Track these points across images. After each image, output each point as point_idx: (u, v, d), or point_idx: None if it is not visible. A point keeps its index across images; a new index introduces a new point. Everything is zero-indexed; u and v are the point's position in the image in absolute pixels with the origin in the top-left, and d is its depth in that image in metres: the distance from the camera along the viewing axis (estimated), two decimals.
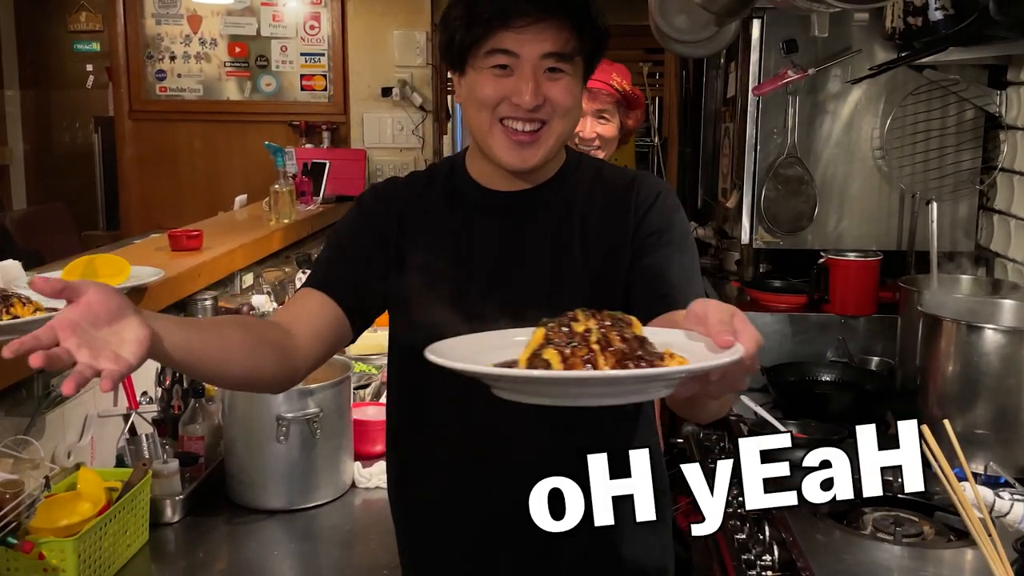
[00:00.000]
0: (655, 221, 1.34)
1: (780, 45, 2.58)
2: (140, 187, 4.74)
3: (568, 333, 0.93)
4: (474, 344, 1.03)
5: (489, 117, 1.28)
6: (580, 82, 1.31)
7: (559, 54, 1.26)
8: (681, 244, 1.35)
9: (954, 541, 1.69)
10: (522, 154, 1.29)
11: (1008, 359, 1.88)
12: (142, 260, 2.17)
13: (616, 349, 0.91)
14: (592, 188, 1.38)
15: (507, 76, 1.26)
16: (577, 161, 1.42)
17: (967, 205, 2.63)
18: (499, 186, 1.36)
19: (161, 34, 4.65)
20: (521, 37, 1.24)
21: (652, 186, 1.39)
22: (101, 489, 1.61)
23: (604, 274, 1.33)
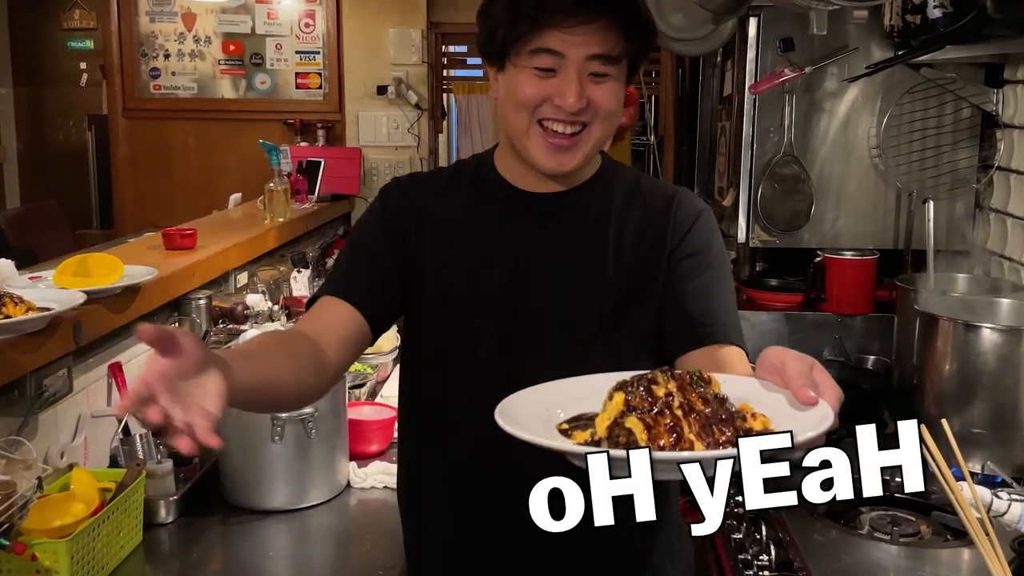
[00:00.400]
0: (695, 242, 1.31)
1: (777, 43, 2.57)
2: (134, 185, 4.72)
3: (649, 398, 0.89)
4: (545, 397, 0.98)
5: (528, 117, 1.24)
6: (623, 85, 1.27)
7: (606, 56, 1.22)
8: (721, 270, 1.32)
9: (951, 541, 1.68)
10: (560, 158, 1.25)
11: (1005, 358, 1.87)
12: (135, 259, 2.16)
13: (700, 413, 0.88)
14: (628, 198, 1.34)
15: (550, 77, 1.22)
16: (614, 168, 1.38)
17: (963, 204, 2.63)
18: (530, 186, 1.33)
19: (155, 32, 4.63)
20: (568, 38, 1.20)
21: (692, 204, 1.35)
22: (94, 490, 1.60)
23: (633, 287, 1.30)
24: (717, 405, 0.90)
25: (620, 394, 0.90)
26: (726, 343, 1.25)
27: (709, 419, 0.87)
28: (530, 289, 1.29)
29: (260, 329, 2.38)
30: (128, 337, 2.08)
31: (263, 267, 3.00)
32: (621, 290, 1.30)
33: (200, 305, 2.30)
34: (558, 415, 0.95)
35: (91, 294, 1.77)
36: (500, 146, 1.37)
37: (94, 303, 1.79)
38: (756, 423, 0.89)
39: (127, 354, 2.07)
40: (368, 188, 4.50)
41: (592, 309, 1.29)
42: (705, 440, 0.86)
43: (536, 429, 0.90)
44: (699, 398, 0.89)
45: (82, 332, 1.73)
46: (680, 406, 0.88)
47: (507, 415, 0.90)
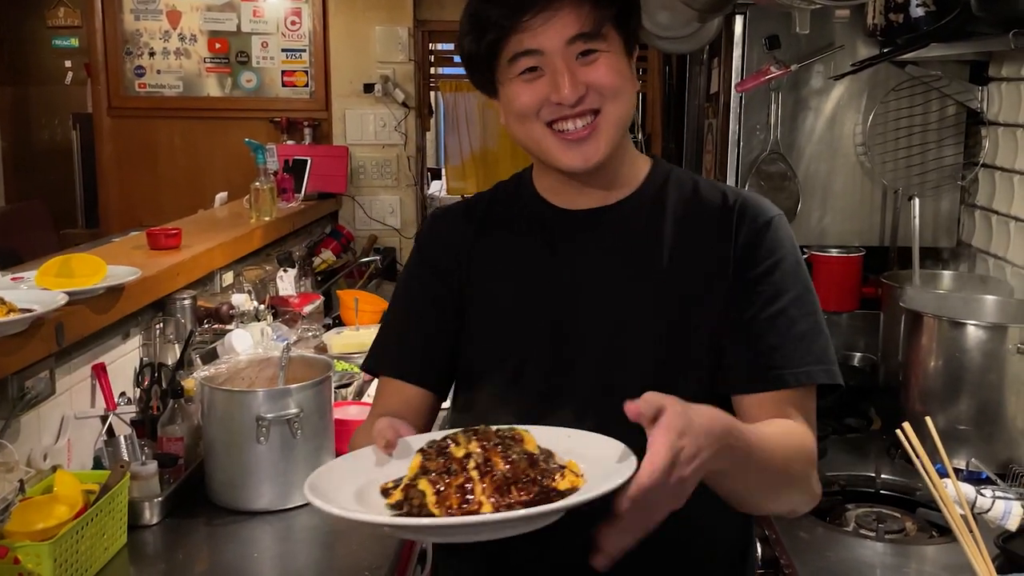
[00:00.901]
0: (761, 260, 1.16)
1: (763, 41, 2.57)
2: (119, 185, 4.69)
3: (443, 460, 0.91)
4: (362, 463, 1.01)
5: (536, 126, 1.16)
6: (623, 56, 1.17)
7: (585, 34, 1.13)
8: (796, 290, 1.16)
9: (936, 537, 1.69)
10: (583, 152, 1.15)
11: (990, 355, 1.88)
12: (119, 259, 2.15)
13: (499, 475, 0.88)
14: (684, 206, 1.22)
15: (539, 78, 1.15)
16: (666, 172, 1.26)
17: (949, 201, 2.64)
18: (572, 203, 1.24)
19: (140, 30, 4.60)
20: (537, 31, 1.12)
21: (759, 210, 1.20)
22: (78, 492, 1.59)
23: (686, 307, 1.18)
24: (526, 464, 0.89)
25: (418, 456, 0.93)
26: (794, 386, 1.13)
27: (508, 480, 0.88)
28: (578, 318, 1.21)
29: (246, 329, 2.37)
30: (112, 338, 2.07)
31: (249, 266, 2.99)
32: (670, 307, 1.18)
33: (185, 305, 2.29)
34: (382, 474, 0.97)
35: (74, 295, 1.76)
36: (535, 164, 1.28)
37: (77, 304, 1.78)
38: (564, 482, 0.89)
39: (111, 355, 2.06)
40: (355, 187, 4.49)
41: (644, 335, 1.19)
42: (499, 502, 0.86)
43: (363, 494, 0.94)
44: (502, 458, 0.90)
45: (64, 333, 1.72)
46: (476, 467, 0.89)
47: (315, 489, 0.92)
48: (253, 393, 1.80)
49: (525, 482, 0.88)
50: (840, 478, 1.92)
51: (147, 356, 2.20)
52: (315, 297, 3.03)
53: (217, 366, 1.94)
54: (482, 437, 0.92)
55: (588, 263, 1.22)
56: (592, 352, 1.20)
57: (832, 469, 1.96)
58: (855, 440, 2.15)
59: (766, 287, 1.16)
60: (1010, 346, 1.85)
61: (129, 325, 2.14)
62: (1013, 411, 1.88)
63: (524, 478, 0.88)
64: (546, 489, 0.87)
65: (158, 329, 2.23)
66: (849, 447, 2.10)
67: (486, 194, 1.36)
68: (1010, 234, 2.34)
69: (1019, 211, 2.30)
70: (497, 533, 0.87)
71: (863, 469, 1.95)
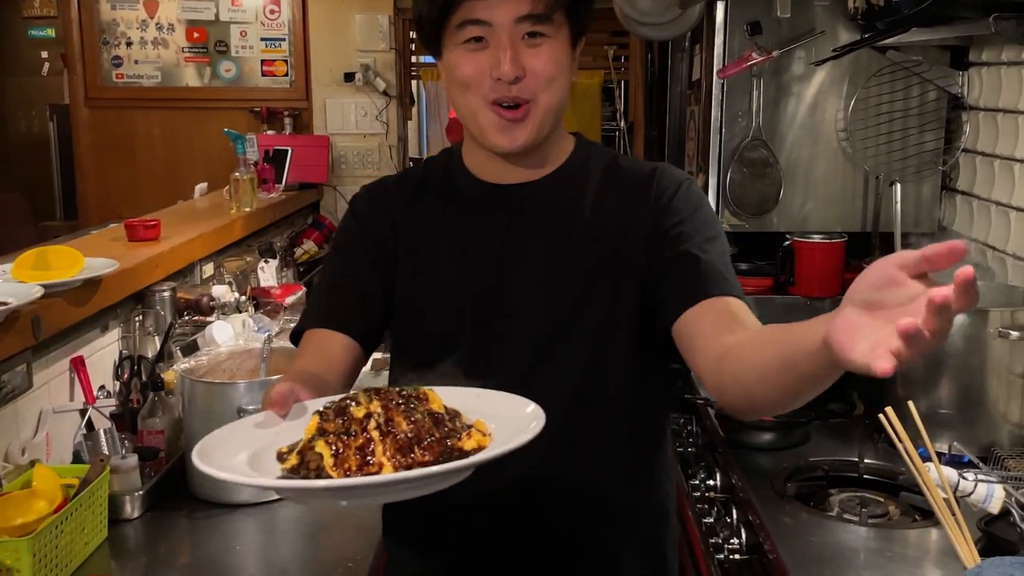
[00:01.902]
0: (679, 211, 1.24)
1: (744, 27, 2.57)
2: (98, 176, 4.65)
3: (342, 421, 0.88)
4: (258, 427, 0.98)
5: (476, 99, 1.20)
6: (567, 45, 1.22)
7: (535, 16, 1.16)
8: (711, 232, 1.24)
9: (919, 521, 1.70)
10: (512, 134, 1.21)
11: (971, 339, 1.89)
12: (97, 251, 2.12)
13: (401, 436, 0.86)
14: (605, 178, 1.29)
15: (483, 49, 1.18)
16: (588, 149, 1.33)
17: (930, 186, 2.65)
18: (499, 178, 1.29)
19: (117, 19, 4.55)
20: (490, 3, 1.15)
21: (673, 175, 1.29)
22: (57, 486, 1.57)
23: (608, 266, 1.25)
24: (430, 424, 0.88)
25: (315, 418, 0.90)
26: (726, 295, 1.18)
27: (411, 440, 0.86)
28: (511, 287, 1.26)
29: (227, 321, 2.35)
30: (91, 330, 2.04)
31: (230, 258, 2.97)
32: (594, 271, 1.25)
33: (164, 297, 2.27)
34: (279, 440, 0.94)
35: (50, 287, 1.74)
36: (465, 139, 1.33)
37: (53, 297, 1.76)
38: (471, 442, 0.88)
39: (89, 348, 2.03)
40: (336, 176, 4.47)
41: (564, 296, 1.25)
42: (400, 462, 0.85)
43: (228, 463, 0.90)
44: (404, 418, 0.88)
45: (41, 326, 1.70)
46: (377, 427, 0.87)
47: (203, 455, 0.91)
48: (234, 385, 1.79)
49: (429, 442, 0.86)
50: (823, 463, 1.93)
51: (127, 349, 2.17)
52: (297, 288, 3.00)
53: (198, 358, 1.92)
54: (384, 397, 0.90)
55: (514, 235, 1.27)
56: (522, 323, 1.25)
57: (815, 454, 1.96)
58: (838, 425, 2.16)
59: (682, 230, 1.23)
60: (991, 330, 1.85)
61: (108, 318, 2.11)
62: (995, 395, 1.88)
63: (428, 438, 0.87)
64: (450, 449, 0.87)
65: (137, 321, 2.21)
66: (832, 432, 2.10)
67: (417, 169, 1.39)
68: (991, 218, 2.35)
69: (1000, 195, 2.31)
70: (398, 495, 0.86)
71: (846, 454, 1.95)
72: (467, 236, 1.28)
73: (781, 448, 1.99)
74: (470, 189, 1.30)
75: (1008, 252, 2.25)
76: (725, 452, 1.99)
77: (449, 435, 0.88)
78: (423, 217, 1.31)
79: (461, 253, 1.28)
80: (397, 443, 0.85)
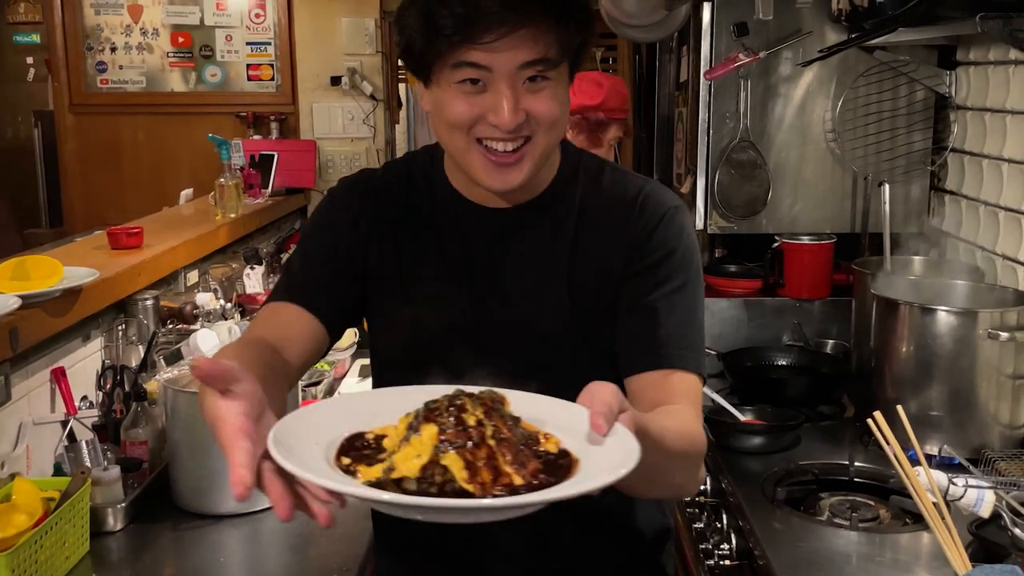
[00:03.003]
0: (656, 250, 1.19)
1: (731, 28, 2.55)
2: (83, 183, 4.62)
3: (462, 428, 0.80)
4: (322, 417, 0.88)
5: (465, 138, 1.12)
6: (566, 85, 1.14)
7: (541, 61, 1.07)
8: (683, 280, 1.19)
9: (910, 524, 1.69)
10: (506, 176, 1.13)
11: (961, 340, 1.88)
12: (79, 260, 2.10)
13: (508, 441, 0.80)
14: (586, 203, 1.23)
15: (480, 92, 1.09)
16: (575, 167, 1.25)
17: (919, 186, 2.64)
18: (482, 199, 1.22)
19: (101, 24, 4.52)
20: (492, 50, 1.05)
21: (658, 203, 1.22)
22: (38, 499, 1.55)
23: (594, 302, 1.20)
24: (517, 429, 0.83)
25: (431, 427, 0.80)
26: (676, 368, 1.15)
27: (515, 446, 0.81)
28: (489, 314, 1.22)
29: (212, 328, 2.33)
30: (71, 340, 2.02)
31: (215, 264, 2.95)
32: (581, 307, 1.20)
33: (147, 306, 2.25)
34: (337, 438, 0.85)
35: (28, 298, 1.71)
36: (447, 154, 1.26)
37: (32, 307, 1.73)
38: (550, 444, 0.84)
39: (71, 358, 2.01)
40: (324, 181, 4.44)
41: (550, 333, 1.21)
42: (520, 471, 0.79)
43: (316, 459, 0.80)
44: (504, 423, 0.82)
45: (19, 338, 1.67)
46: (493, 435, 0.80)
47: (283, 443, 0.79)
48: None
49: (523, 448, 0.82)
50: (813, 466, 1.92)
51: (109, 359, 2.15)
52: None
53: (181, 367, 1.90)
54: (483, 402, 0.83)
55: (494, 263, 1.22)
56: (503, 349, 1.21)
57: (805, 457, 1.95)
58: (828, 428, 2.15)
59: (653, 276, 1.18)
60: (981, 331, 1.84)
61: (90, 327, 2.09)
62: (985, 396, 1.87)
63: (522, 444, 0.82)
64: (540, 454, 0.82)
65: (120, 331, 2.19)
66: (822, 435, 2.09)
67: (399, 166, 1.32)
68: (980, 218, 2.34)
69: (988, 195, 2.30)
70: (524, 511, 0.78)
71: (836, 457, 1.94)
72: (450, 252, 1.24)
73: (771, 452, 1.98)
74: (453, 206, 1.24)
75: (997, 252, 2.24)
76: (715, 456, 1.98)
77: (528, 439, 0.84)
78: (407, 221, 1.26)
79: (444, 269, 1.23)
80: (511, 451, 0.80)
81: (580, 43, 1.12)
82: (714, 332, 2.54)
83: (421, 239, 1.25)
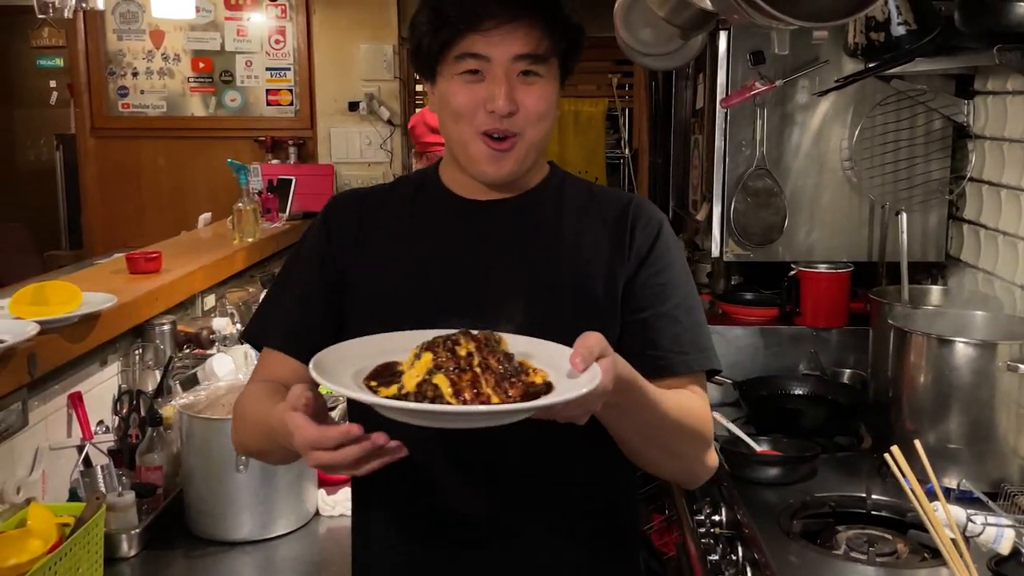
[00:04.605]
0: (658, 260, 1.28)
1: (747, 57, 2.56)
2: (103, 206, 4.66)
3: (454, 357, 1.01)
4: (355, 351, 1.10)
5: (468, 129, 1.23)
6: (556, 85, 1.27)
7: (532, 55, 1.21)
8: (685, 287, 1.30)
9: (928, 560, 1.66)
10: (499, 163, 1.24)
11: (979, 372, 1.86)
12: (98, 285, 2.12)
13: (495, 371, 1.02)
14: (582, 204, 1.32)
15: (479, 82, 1.22)
16: (563, 177, 1.36)
17: (937, 215, 2.62)
18: (474, 195, 1.31)
19: (123, 50, 4.58)
20: (491, 39, 1.20)
21: (651, 215, 1.32)
22: (53, 525, 1.55)
23: (596, 299, 1.26)
24: (507, 362, 1.04)
25: (428, 354, 1.03)
26: (686, 373, 1.26)
27: (502, 375, 1.01)
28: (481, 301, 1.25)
29: (228, 353, 2.33)
30: (89, 365, 2.03)
31: (232, 289, 2.96)
32: (585, 300, 1.25)
33: (164, 331, 2.26)
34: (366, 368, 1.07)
35: (47, 324, 1.73)
36: (444, 159, 1.36)
37: (50, 333, 1.75)
38: (537, 377, 1.03)
39: (88, 383, 2.02)
40: None
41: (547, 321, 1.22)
42: (499, 394, 0.99)
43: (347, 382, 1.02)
44: (493, 357, 1.03)
45: (37, 363, 1.69)
46: (479, 364, 1.01)
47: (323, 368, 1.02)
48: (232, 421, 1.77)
49: (512, 376, 1.02)
50: (830, 499, 1.89)
51: (126, 383, 2.16)
52: None
53: (196, 393, 1.91)
54: (476, 339, 1.04)
55: (486, 250, 1.29)
56: None
57: (822, 489, 1.93)
58: (845, 459, 2.12)
59: (655, 289, 1.28)
60: (1000, 363, 1.82)
61: (107, 352, 2.10)
62: (1004, 429, 1.85)
63: (510, 376, 1.02)
64: (526, 383, 1.02)
65: (137, 356, 2.20)
66: (839, 466, 2.07)
67: (391, 183, 1.46)
68: (998, 248, 2.32)
69: (1007, 225, 2.29)
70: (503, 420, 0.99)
71: (853, 489, 1.92)
72: (438, 245, 1.29)
73: (787, 483, 1.96)
74: (444, 202, 1.32)
75: (1016, 283, 2.22)
76: (730, 487, 1.96)
77: (519, 372, 1.03)
78: (393, 222, 1.32)
79: (431, 263, 1.28)
80: (495, 378, 1.00)
81: (566, 47, 1.25)
82: (729, 360, 2.52)
83: (409, 233, 1.31)
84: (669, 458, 1.26)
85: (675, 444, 1.23)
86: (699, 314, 1.31)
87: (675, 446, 1.24)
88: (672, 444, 1.23)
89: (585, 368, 1.00)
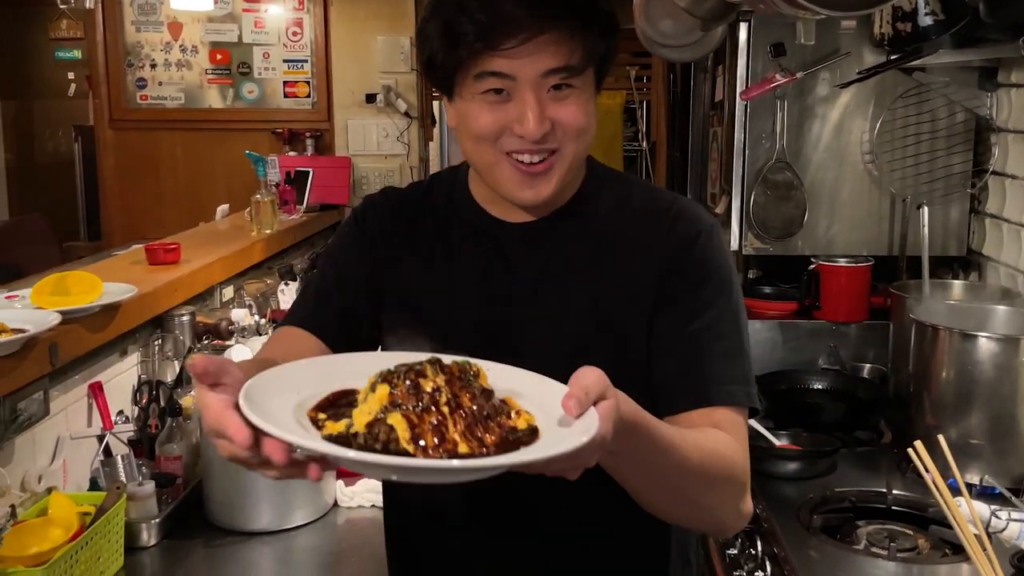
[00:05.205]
0: (691, 274, 1.13)
1: (768, 49, 2.54)
2: (121, 197, 4.68)
3: (416, 393, 0.82)
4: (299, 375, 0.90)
5: (492, 151, 1.09)
6: (593, 93, 1.12)
7: (566, 68, 1.05)
8: (723, 307, 1.13)
9: (949, 556, 1.65)
10: (535, 188, 1.10)
11: (1002, 367, 1.84)
12: (117, 275, 2.12)
13: (467, 411, 0.82)
14: (613, 215, 1.18)
15: (504, 101, 1.07)
16: (601, 181, 1.21)
17: (958, 209, 2.60)
18: (505, 214, 1.19)
19: (141, 42, 4.59)
20: (516, 56, 1.03)
21: (691, 222, 1.16)
22: (74, 514, 1.56)
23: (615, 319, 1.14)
24: (483, 401, 0.84)
25: (384, 386, 0.83)
26: (722, 404, 1.10)
27: (475, 417, 0.82)
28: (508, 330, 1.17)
29: (248, 344, 2.34)
30: (109, 355, 2.04)
31: (250, 280, 2.97)
32: (606, 321, 1.15)
33: (183, 322, 2.27)
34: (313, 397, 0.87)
35: (68, 314, 1.73)
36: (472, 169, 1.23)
37: (71, 323, 1.75)
38: (520, 420, 0.85)
39: (108, 373, 2.03)
40: (358, 198, 4.47)
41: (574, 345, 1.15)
42: (469, 442, 0.80)
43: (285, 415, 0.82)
44: (467, 394, 0.84)
45: (58, 353, 1.69)
46: (447, 403, 0.82)
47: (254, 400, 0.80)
48: None
49: (488, 419, 0.83)
50: (850, 494, 1.88)
51: (145, 374, 2.17)
52: None
53: None
54: (446, 371, 0.85)
55: (517, 278, 1.18)
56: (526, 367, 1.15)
57: (842, 484, 1.92)
58: (865, 454, 2.11)
59: (692, 302, 1.13)
60: (1023, 358, 1.81)
61: (127, 342, 2.11)
62: None
63: (485, 416, 0.83)
64: (505, 428, 0.83)
65: (156, 346, 2.21)
66: (859, 461, 2.06)
67: (422, 185, 1.31)
68: (1021, 242, 2.30)
69: None
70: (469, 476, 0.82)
71: (874, 484, 1.91)
72: (470, 269, 1.20)
73: (807, 478, 1.95)
74: (475, 222, 1.21)
75: None
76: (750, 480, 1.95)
77: (498, 412, 0.85)
78: (427, 237, 1.23)
79: (463, 286, 1.20)
80: (465, 421, 0.81)
81: (605, 50, 1.10)
82: None
83: (439, 258, 1.22)
84: (688, 507, 1.09)
85: (695, 493, 1.06)
86: (736, 339, 1.14)
87: (695, 495, 1.06)
88: (691, 493, 1.06)
89: (580, 414, 0.82)
